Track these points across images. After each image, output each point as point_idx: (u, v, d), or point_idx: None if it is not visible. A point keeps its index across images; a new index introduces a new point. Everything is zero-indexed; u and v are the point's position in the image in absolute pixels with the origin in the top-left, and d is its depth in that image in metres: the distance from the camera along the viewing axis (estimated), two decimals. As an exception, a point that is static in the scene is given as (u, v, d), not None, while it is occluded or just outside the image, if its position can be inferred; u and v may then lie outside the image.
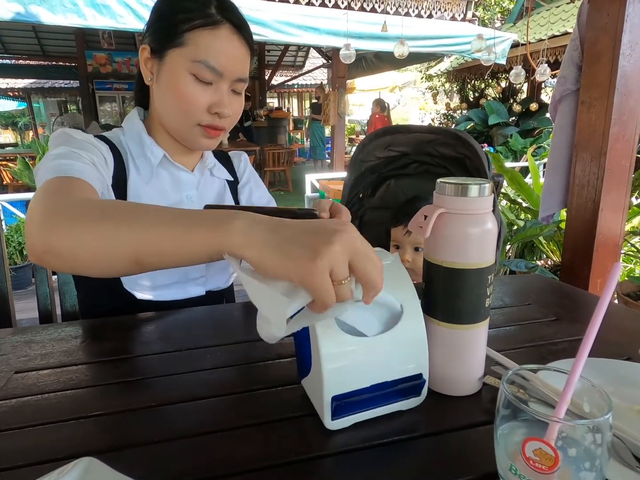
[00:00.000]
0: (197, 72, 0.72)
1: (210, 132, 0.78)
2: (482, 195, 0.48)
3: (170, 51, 0.74)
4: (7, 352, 0.64)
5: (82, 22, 3.08)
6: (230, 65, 0.74)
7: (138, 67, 0.81)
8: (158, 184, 0.82)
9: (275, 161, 6.90)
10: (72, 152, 0.69)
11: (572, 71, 1.61)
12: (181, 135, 0.80)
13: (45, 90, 10.06)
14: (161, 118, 0.80)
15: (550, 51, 5.18)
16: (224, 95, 0.76)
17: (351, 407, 0.46)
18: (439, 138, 1.16)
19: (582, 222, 1.60)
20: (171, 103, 0.76)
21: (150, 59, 0.77)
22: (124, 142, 0.81)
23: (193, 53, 0.72)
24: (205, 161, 0.89)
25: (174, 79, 0.74)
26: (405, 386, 0.48)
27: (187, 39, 0.72)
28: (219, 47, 0.73)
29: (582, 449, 0.32)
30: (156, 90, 0.78)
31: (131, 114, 0.84)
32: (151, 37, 0.76)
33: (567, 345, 0.65)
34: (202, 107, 0.75)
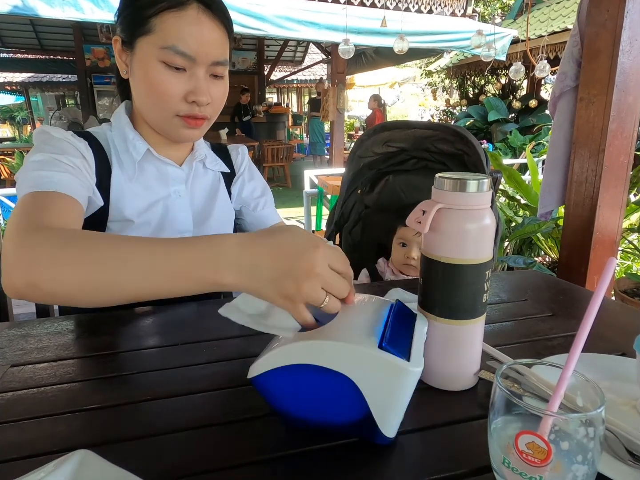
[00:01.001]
0: (167, 59, 0.68)
1: (191, 122, 0.74)
2: (481, 190, 0.48)
3: (139, 40, 0.70)
4: (3, 345, 0.64)
5: (80, 16, 3.06)
6: (203, 48, 0.69)
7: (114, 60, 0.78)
8: (143, 179, 0.80)
9: (274, 157, 6.89)
10: (52, 160, 0.67)
11: (572, 67, 1.60)
12: (161, 128, 0.77)
13: (43, 85, 10.00)
14: (141, 111, 0.77)
15: (550, 47, 5.16)
16: (200, 81, 0.71)
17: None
18: (437, 134, 1.15)
19: (580, 219, 1.60)
20: (146, 95, 0.73)
21: (123, 50, 0.74)
22: (109, 138, 0.79)
23: (161, 39, 0.68)
24: (195, 154, 0.86)
25: (145, 69, 0.70)
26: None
27: (153, 24, 0.68)
28: (187, 30, 0.67)
29: (575, 443, 0.33)
30: (132, 83, 0.76)
31: (119, 109, 0.82)
32: (121, 27, 0.73)
33: (563, 341, 0.65)
34: (178, 96, 0.70)
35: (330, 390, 0.41)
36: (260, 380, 0.42)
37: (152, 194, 0.81)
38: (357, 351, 0.39)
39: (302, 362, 0.40)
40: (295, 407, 0.43)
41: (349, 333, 0.42)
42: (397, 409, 0.41)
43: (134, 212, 0.78)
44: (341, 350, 0.40)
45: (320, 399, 0.42)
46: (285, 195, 6.42)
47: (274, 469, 0.41)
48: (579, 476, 0.32)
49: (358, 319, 0.44)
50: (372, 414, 0.40)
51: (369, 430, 0.42)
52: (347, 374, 0.40)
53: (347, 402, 0.41)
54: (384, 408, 0.40)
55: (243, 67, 8.70)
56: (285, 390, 0.42)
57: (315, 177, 3.67)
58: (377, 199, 1.29)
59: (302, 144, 10.36)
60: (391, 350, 0.39)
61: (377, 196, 1.29)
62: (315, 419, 0.43)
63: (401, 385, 0.40)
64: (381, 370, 0.39)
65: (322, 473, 0.41)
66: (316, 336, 0.41)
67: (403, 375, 0.39)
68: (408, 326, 0.46)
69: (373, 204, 1.29)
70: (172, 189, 0.82)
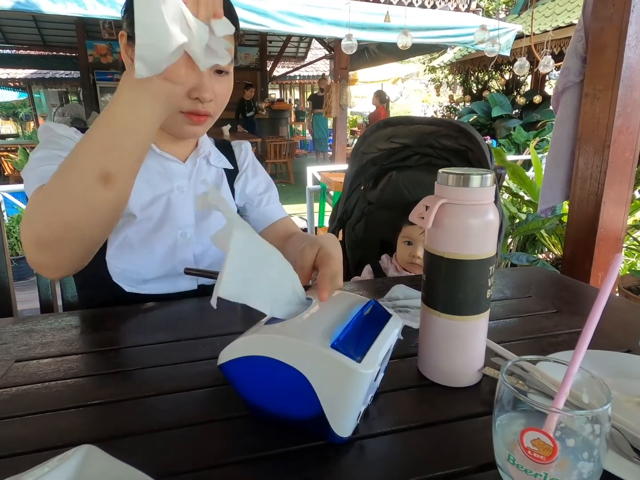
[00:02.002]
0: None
1: (194, 119, 0.74)
2: (484, 185, 0.48)
3: None
4: (7, 341, 0.64)
5: (83, 12, 3.05)
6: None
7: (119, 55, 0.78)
8: (146, 174, 0.80)
9: (277, 153, 6.88)
10: (54, 156, 0.69)
11: (575, 63, 1.59)
12: (165, 124, 0.75)
13: (46, 81, 10.01)
14: None
15: (555, 43, 5.12)
16: (204, 78, 0.71)
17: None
18: (441, 130, 1.15)
19: (585, 216, 1.59)
20: None
21: (129, 45, 0.74)
22: None
23: None
24: (199, 150, 0.86)
25: None
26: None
27: None
28: None
29: (581, 440, 0.32)
30: None
31: None
32: (127, 21, 0.73)
33: (567, 338, 0.64)
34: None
35: (286, 385, 0.41)
36: (226, 367, 0.44)
37: (155, 189, 0.81)
38: (309, 348, 0.40)
39: (261, 354, 0.41)
40: (256, 397, 0.44)
41: (308, 329, 0.42)
42: (349, 409, 0.40)
43: (137, 207, 0.78)
44: (295, 346, 0.40)
45: (279, 392, 0.43)
46: (287, 191, 6.41)
47: (281, 464, 0.41)
48: (584, 473, 0.32)
49: (324, 316, 0.45)
50: (325, 413, 0.40)
51: (322, 428, 0.41)
52: (301, 370, 0.40)
53: (301, 398, 0.41)
54: (335, 407, 0.40)
55: (246, 63, 8.69)
56: (247, 379, 0.44)
57: (318, 173, 3.66)
58: (380, 195, 1.28)
59: (304, 140, 10.33)
60: (342, 349, 0.39)
61: (380, 192, 1.29)
62: (275, 411, 0.44)
63: (350, 386, 0.39)
64: (331, 370, 0.39)
65: (326, 470, 0.41)
66: (277, 330, 0.42)
67: (352, 376, 0.39)
68: (375, 327, 0.46)
69: (376, 200, 1.29)
70: (174, 185, 0.83)
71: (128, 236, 0.77)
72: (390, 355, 0.49)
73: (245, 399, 0.46)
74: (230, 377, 0.45)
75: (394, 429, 0.45)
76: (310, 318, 0.44)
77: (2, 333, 0.67)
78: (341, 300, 0.49)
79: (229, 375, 0.45)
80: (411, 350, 0.60)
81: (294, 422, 0.44)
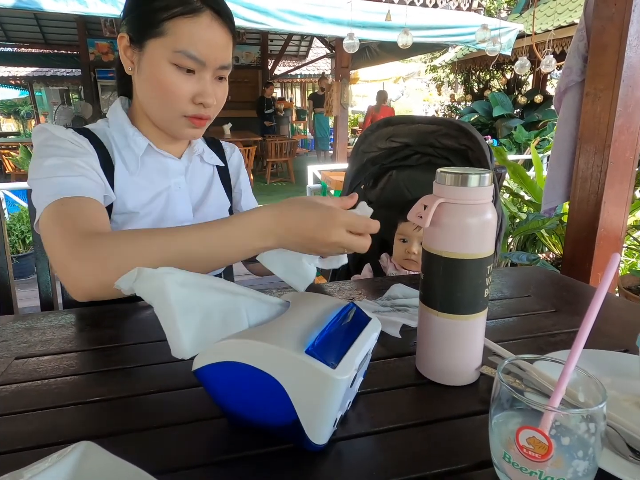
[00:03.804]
0: (179, 62, 0.70)
1: (196, 122, 0.76)
2: (482, 185, 0.48)
3: (150, 41, 0.71)
4: (7, 338, 0.65)
5: (84, 10, 3.06)
6: (212, 53, 0.72)
7: (117, 55, 0.79)
8: (145, 172, 0.81)
9: (278, 152, 6.87)
10: (67, 164, 0.69)
11: (577, 62, 1.58)
12: (166, 126, 0.79)
13: (47, 79, 10.00)
14: (145, 108, 0.79)
15: (557, 42, 5.12)
16: (207, 84, 0.74)
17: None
18: (441, 129, 1.15)
19: (585, 215, 1.59)
20: (154, 95, 0.74)
21: (130, 47, 0.74)
22: (108, 134, 0.80)
23: (173, 43, 0.70)
24: (194, 147, 0.88)
25: (155, 70, 0.72)
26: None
27: (167, 28, 0.70)
28: (200, 36, 0.70)
29: (576, 438, 0.33)
30: (138, 81, 0.76)
31: (114, 105, 0.83)
32: (129, 25, 0.74)
33: (566, 337, 0.65)
34: (186, 97, 0.73)
35: (261, 391, 0.40)
36: (200, 373, 0.42)
37: (154, 186, 0.82)
38: (283, 354, 0.38)
39: (234, 359, 0.40)
40: (231, 403, 0.43)
41: (283, 334, 0.41)
42: (324, 415, 0.40)
43: (138, 204, 0.79)
44: (268, 351, 0.39)
45: (253, 398, 0.41)
46: (288, 190, 6.41)
47: (282, 460, 0.41)
48: (579, 471, 0.32)
49: (300, 321, 0.44)
50: (299, 420, 0.40)
51: (298, 436, 0.41)
52: (275, 376, 0.39)
53: (276, 404, 0.40)
54: (310, 414, 0.39)
55: (247, 62, 8.68)
56: (222, 385, 0.43)
57: (319, 172, 3.66)
58: (380, 194, 1.29)
59: (305, 139, 10.32)
60: (316, 355, 0.38)
61: (380, 192, 1.29)
62: (250, 418, 0.43)
63: (325, 393, 0.38)
64: (305, 376, 0.38)
65: (337, 467, 0.41)
66: (250, 335, 0.41)
67: (326, 382, 0.38)
68: (353, 331, 0.45)
69: (376, 199, 1.29)
70: (172, 181, 0.84)
71: None
72: (371, 358, 0.48)
73: (220, 405, 0.44)
74: (204, 383, 0.43)
75: (391, 426, 0.46)
76: (286, 322, 0.43)
77: (2, 330, 0.67)
78: (319, 304, 0.48)
79: (203, 381, 0.43)
80: (409, 349, 0.61)
81: (269, 428, 0.43)
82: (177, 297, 0.40)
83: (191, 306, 0.41)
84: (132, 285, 0.40)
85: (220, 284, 0.44)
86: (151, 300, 0.40)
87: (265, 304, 0.47)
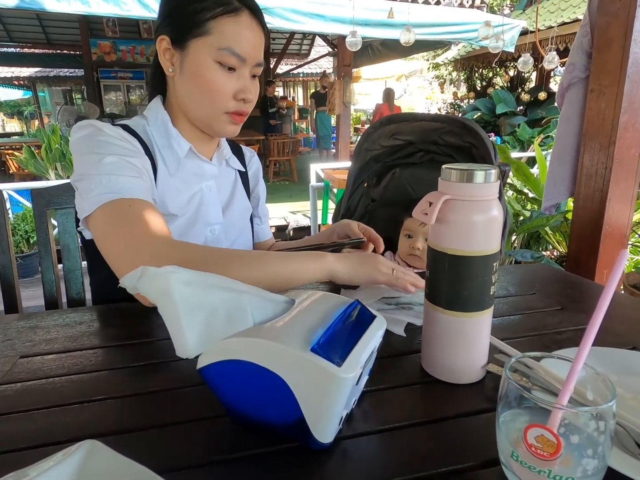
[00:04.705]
0: (223, 59, 0.73)
1: (237, 119, 0.79)
2: (488, 181, 0.47)
3: (193, 41, 0.74)
4: (12, 337, 0.65)
5: (86, 9, 3.06)
6: (252, 50, 0.76)
7: (154, 57, 0.80)
8: (183, 175, 0.83)
9: (280, 151, 6.87)
10: (124, 163, 0.70)
11: (581, 58, 1.57)
12: (208, 124, 0.80)
13: (50, 79, 10.04)
14: (186, 108, 0.80)
15: (560, 39, 5.09)
16: (247, 80, 0.77)
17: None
18: (445, 126, 1.14)
19: (590, 213, 1.58)
20: (198, 93, 0.76)
21: (170, 49, 0.76)
22: (149, 132, 0.81)
23: (218, 41, 0.73)
24: (222, 151, 0.90)
25: (200, 68, 0.74)
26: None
27: (211, 27, 0.72)
28: (241, 34, 0.74)
29: (585, 436, 0.32)
30: (179, 81, 0.78)
31: (154, 104, 0.83)
32: (169, 27, 0.76)
33: (572, 335, 0.64)
34: (229, 94, 0.76)
35: (266, 389, 0.40)
36: (205, 371, 0.42)
37: (189, 188, 0.83)
38: (288, 352, 0.38)
39: (239, 357, 0.40)
40: (236, 402, 0.43)
41: (288, 332, 0.41)
42: (329, 414, 0.39)
43: (177, 206, 0.80)
44: (274, 349, 0.39)
45: (258, 397, 0.41)
46: (291, 189, 6.41)
47: (287, 459, 0.41)
48: (589, 470, 0.32)
49: (305, 319, 0.43)
50: (305, 418, 0.39)
51: (303, 434, 0.40)
52: (280, 374, 0.39)
53: (281, 403, 0.40)
54: (315, 412, 0.39)
55: (249, 61, 8.67)
56: (227, 384, 0.42)
57: (322, 170, 3.66)
58: (383, 192, 1.28)
59: (307, 138, 10.32)
60: (322, 353, 0.37)
61: (383, 190, 1.28)
62: (255, 416, 0.43)
63: (331, 391, 0.38)
64: (311, 374, 0.38)
65: (347, 467, 0.41)
66: (255, 333, 0.41)
67: (331, 381, 0.37)
68: (358, 329, 0.44)
69: (379, 197, 1.28)
70: (204, 184, 0.86)
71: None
72: (376, 356, 0.48)
73: (225, 404, 0.44)
74: (209, 382, 0.43)
75: (396, 425, 0.45)
76: (291, 320, 0.43)
77: (7, 329, 0.67)
78: (324, 302, 0.47)
79: (208, 380, 0.43)
80: (415, 347, 0.60)
81: (274, 427, 0.43)
82: (181, 296, 0.39)
83: (195, 305, 0.40)
84: (136, 284, 0.40)
85: (224, 282, 0.44)
86: (155, 299, 0.40)
87: (269, 302, 0.46)
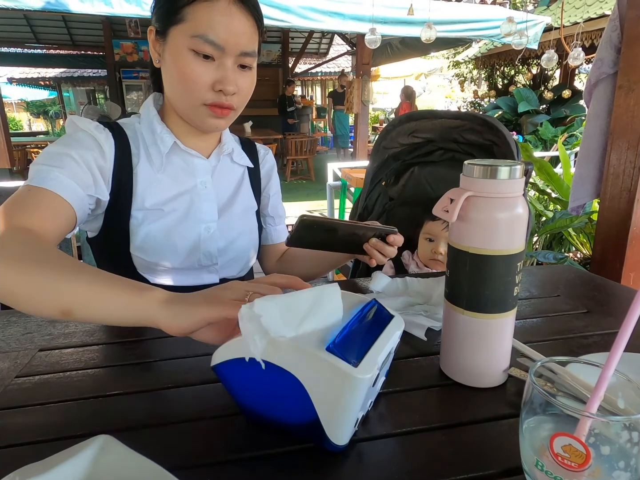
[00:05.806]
0: (197, 47, 0.70)
1: (217, 111, 0.74)
2: (513, 177, 0.46)
3: (172, 29, 0.72)
4: (32, 330, 0.66)
5: (109, 10, 3.12)
6: (231, 38, 0.70)
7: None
8: (171, 170, 0.81)
9: (298, 150, 6.88)
10: (60, 155, 0.69)
11: (610, 53, 1.52)
12: (189, 117, 0.78)
13: (74, 80, 10.27)
14: (170, 100, 0.79)
15: (586, 35, 4.94)
16: (228, 71, 0.72)
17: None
18: (465, 124, 1.11)
19: (616, 213, 1.52)
20: (175, 82, 0.74)
21: (157, 40, 0.75)
22: (138, 130, 0.81)
23: (192, 28, 0.69)
24: (223, 147, 0.87)
25: (176, 57, 0.72)
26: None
27: (186, 14, 0.70)
28: (217, 20, 0.69)
29: (617, 447, 0.30)
30: (163, 72, 0.77)
31: (147, 101, 0.83)
32: (155, 17, 0.75)
33: (599, 339, 0.61)
34: (206, 84, 0.72)
35: (280, 389, 0.39)
36: (219, 369, 0.42)
37: (179, 185, 0.82)
38: (303, 351, 0.37)
39: (252, 355, 0.38)
40: (249, 400, 0.43)
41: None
42: (344, 416, 0.38)
43: (158, 202, 0.79)
44: (288, 348, 0.38)
45: (272, 396, 0.41)
46: (308, 188, 6.41)
47: (299, 460, 0.40)
48: (620, 483, 0.30)
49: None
50: (319, 419, 0.38)
51: (318, 435, 0.39)
52: (295, 373, 0.38)
53: (295, 403, 0.39)
54: (331, 413, 0.38)
55: (267, 60, 8.71)
56: (240, 382, 0.42)
57: (339, 169, 3.64)
58: (401, 191, 1.26)
59: (325, 137, 10.31)
60: (338, 353, 0.36)
61: (401, 188, 1.26)
62: (268, 416, 0.42)
63: (346, 392, 0.37)
64: (326, 374, 0.37)
65: (361, 468, 0.40)
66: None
67: (347, 381, 0.36)
68: (375, 329, 0.43)
69: (398, 196, 1.27)
70: (198, 180, 0.84)
71: (152, 230, 0.78)
72: (394, 357, 0.47)
73: (238, 402, 0.44)
74: (223, 379, 0.43)
75: (414, 429, 0.44)
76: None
77: (27, 322, 0.68)
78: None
79: (222, 377, 0.43)
80: (433, 348, 0.59)
81: (289, 427, 0.42)
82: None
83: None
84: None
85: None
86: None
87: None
